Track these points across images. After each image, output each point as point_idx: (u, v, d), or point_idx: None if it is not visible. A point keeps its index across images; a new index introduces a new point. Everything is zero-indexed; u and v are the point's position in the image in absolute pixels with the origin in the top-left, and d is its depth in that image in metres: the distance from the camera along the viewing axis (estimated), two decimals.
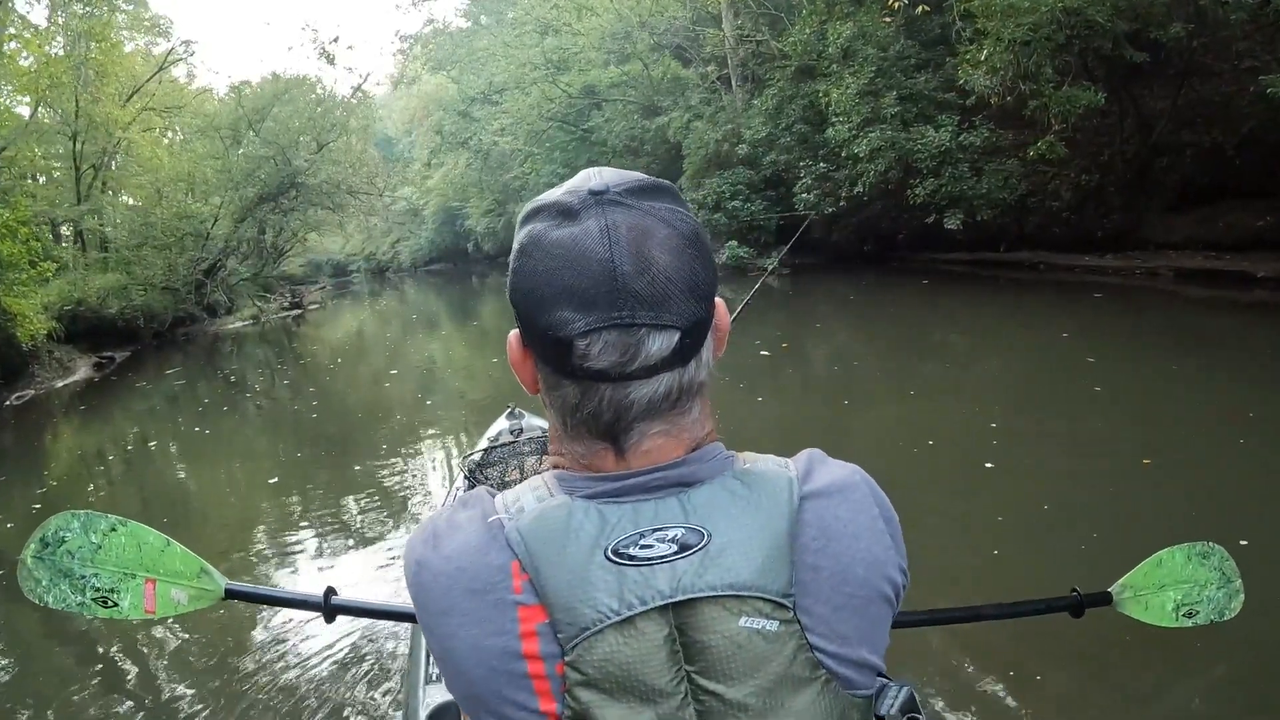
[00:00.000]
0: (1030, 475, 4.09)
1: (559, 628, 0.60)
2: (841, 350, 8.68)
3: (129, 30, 21.44)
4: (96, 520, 1.19)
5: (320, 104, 21.18)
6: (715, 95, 20.48)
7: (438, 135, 30.44)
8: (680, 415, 0.65)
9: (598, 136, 23.44)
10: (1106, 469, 4.00)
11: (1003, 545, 3.29)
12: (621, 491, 0.63)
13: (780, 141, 16.47)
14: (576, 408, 0.64)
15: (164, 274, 17.35)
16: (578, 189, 0.64)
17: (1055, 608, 1.35)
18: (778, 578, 0.61)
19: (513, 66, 24.05)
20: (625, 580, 0.60)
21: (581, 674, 0.59)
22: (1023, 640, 2.64)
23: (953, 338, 8.76)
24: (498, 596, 0.61)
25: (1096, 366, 6.11)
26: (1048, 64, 10.24)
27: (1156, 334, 7.67)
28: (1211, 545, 1.41)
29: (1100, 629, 2.30)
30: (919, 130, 13.12)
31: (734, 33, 19.18)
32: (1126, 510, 3.50)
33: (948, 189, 12.67)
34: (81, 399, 11.14)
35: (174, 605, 1.22)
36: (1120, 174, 12.22)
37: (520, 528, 0.62)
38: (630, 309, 0.59)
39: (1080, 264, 12.46)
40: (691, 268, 0.62)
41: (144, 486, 6.43)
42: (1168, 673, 2.52)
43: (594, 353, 0.60)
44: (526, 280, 0.63)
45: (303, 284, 32.62)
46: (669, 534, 0.61)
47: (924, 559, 3.14)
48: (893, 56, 14.00)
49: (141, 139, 19.85)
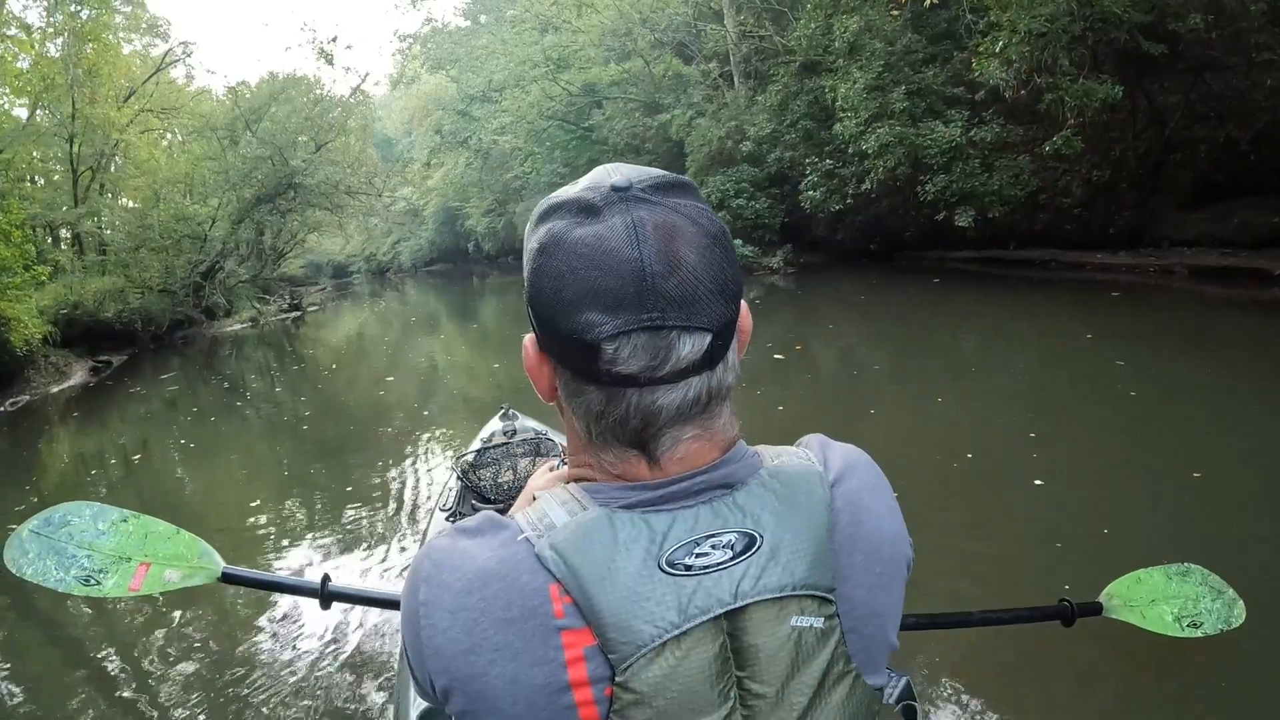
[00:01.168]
0: (1079, 491, 3.82)
1: (611, 648, 0.56)
2: (857, 353, 8.42)
3: (126, 31, 21.30)
4: (109, 512, 1.22)
5: (318, 103, 20.96)
6: (718, 93, 20.28)
7: (437, 135, 30.31)
8: (711, 419, 0.63)
9: (599, 135, 23.25)
10: (1157, 483, 3.76)
11: (1069, 578, 3.02)
12: (662, 500, 0.60)
13: (785, 138, 16.28)
14: (602, 414, 0.61)
15: (161, 276, 17.15)
16: (598, 185, 0.61)
17: (1047, 616, 1.38)
18: (825, 573, 0.61)
19: (512, 64, 23.86)
20: (684, 591, 0.57)
21: (634, 693, 0.56)
22: (1017, 647, 2.54)
23: (971, 339, 8.50)
24: (537, 623, 0.57)
25: (1127, 370, 5.87)
26: (1064, 56, 10.02)
27: (1182, 335, 7.42)
28: (1188, 566, 1.48)
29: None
30: (928, 126, 12.90)
31: (736, 29, 18.98)
32: (1194, 530, 3.27)
33: (959, 185, 12.45)
34: (77, 404, 10.94)
35: (163, 584, 1.22)
36: (1133, 170, 12.01)
37: (556, 545, 0.58)
38: (661, 310, 0.57)
39: (1092, 262, 12.26)
40: (720, 267, 0.60)
41: (139, 492, 6.25)
42: (1164, 679, 2.40)
43: (623, 356, 0.58)
44: (548, 281, 0.59)
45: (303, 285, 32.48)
46: (723, 539, 0.59)
47: (974, 596, 2.93)
48: (900, 51, 13.79)
49: (139, 141, 19.68)
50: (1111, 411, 4.96)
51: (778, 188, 17.37)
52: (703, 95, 20.26)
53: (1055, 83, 10.15)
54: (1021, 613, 1.44)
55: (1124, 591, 1.47)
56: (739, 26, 18.99)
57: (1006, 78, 10.18)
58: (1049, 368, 6.63)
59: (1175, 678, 2.29)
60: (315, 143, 20.46)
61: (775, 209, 17.15)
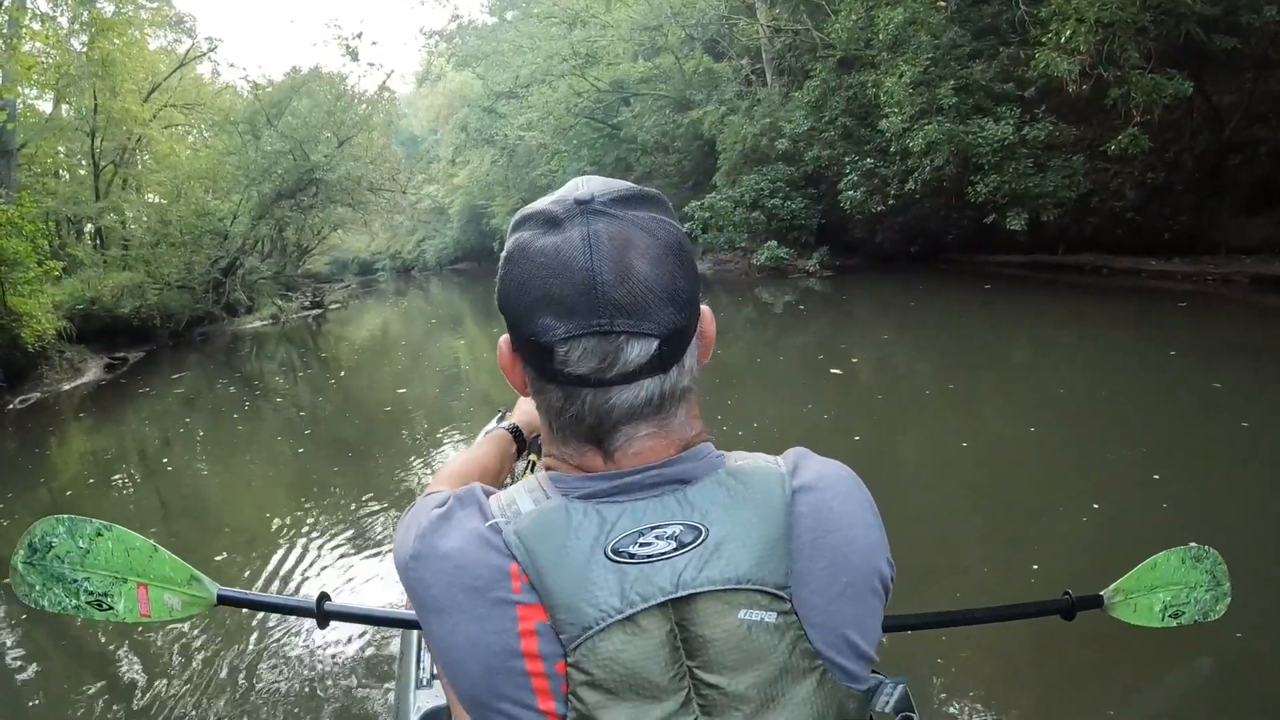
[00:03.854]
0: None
1: (561, 628, 0.60)
2: (920, 367, 7.64)
3: (152, 27, 21.10)
4: (82, 525, 1.20)
5: (340, 98, 20.60)
6: (750, 89, 19.66)
7: (462, 132, 30.04)
8: (667, 419, 0.66)
9: (627, 133, 22.77)
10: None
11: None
12: (617, 490, 0.64)
13: (823, 135, 15.62)
14: (561, 411, 0.66)
15: (181, 272, 16.86)
16: (564, 198, 0.65)
17: (1048, 611, 1.37)
18: (775, 570, 0.62)
19: (540, 59, 23.41)
20: (626, 578, 0.60)
21: (585, 674, 0.59)
22: (1019, 647, 2.56)
23: (1050, 356, 7.58)
24: (497, 595, 0.62)
25: (1225, 395, 5.20)
26: (1131, 48, 9.31)
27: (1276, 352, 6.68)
28: (1205, 549, 1.46)
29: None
30: (977, 123, 12.20)
31: (770, 23, 18.36)
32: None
33: (1011, 186, 11.73)
34: (88, 403, 10.60)
35: (168, 610, 1.22)
36: (1189, 172, 11.29)
37: (518, 530, 0.63)
38: (609, 317, 0.61)
39: (1146, 268, 11.60)
40: (672, 276, 0.63)
41: (142, 493, 6.02)
42: (1160, 674, 2.44)
43: (574, 359, 0.62)
44: (512, 286, 0.64)
45: (328, 282, 32.32)
46: (667, 531, 0.62)
47: None
48: (945, 45, 13.10)
49: (161, 136, 19.47)
50: (1222, 444, 4.29)
51: (814, 187, 16.74)
52: (735, 92, 19.64)
53: (1124, 76, 9.42)
54: (1024, 608, 1.44)
55: (1131, 583, 1.45)
56: (773, 21, 18.37)
57: (1071, 69, 9.46)
58: (1147, 391, 5.82)
59: (1174, 677, 2.32)
60: (337, 138, 20.10)
61: (811, 209, 16.52)
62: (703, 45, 21.48)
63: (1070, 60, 9.36)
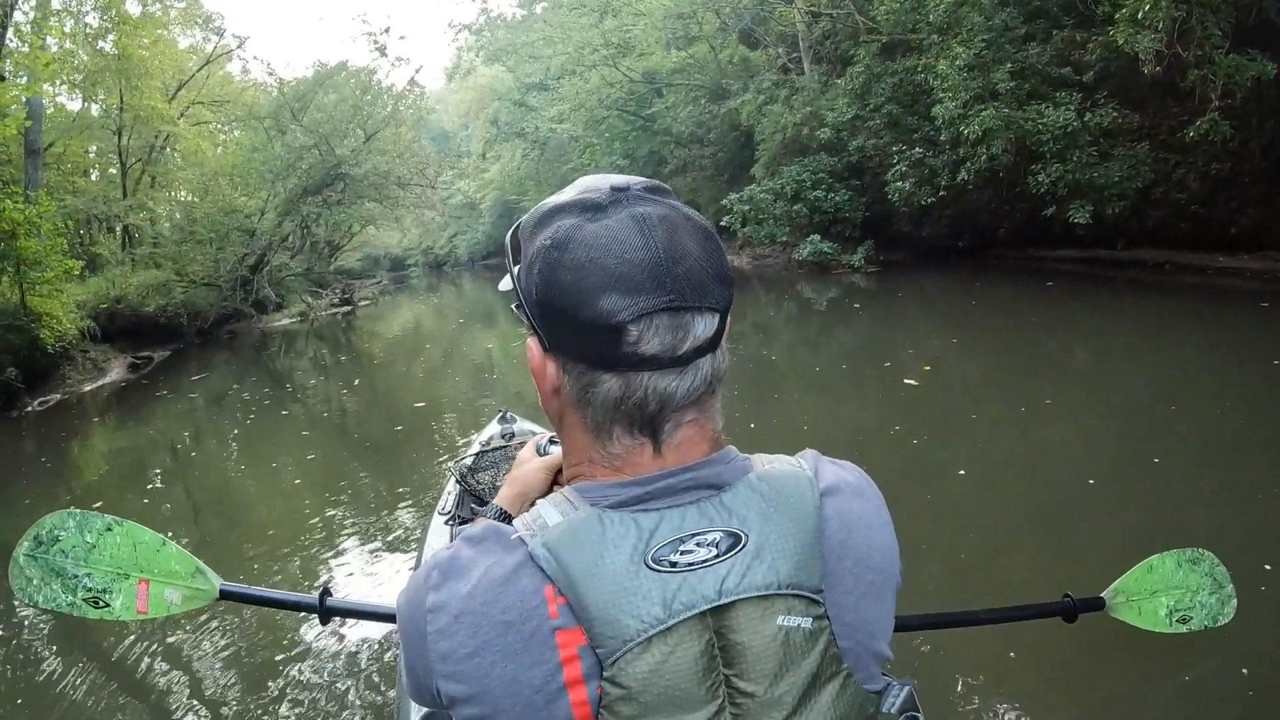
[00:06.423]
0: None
1: (599, 642, 0.57)
2: (1001, 377, 6.81)
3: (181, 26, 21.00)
4: (92, 520, 1.19)
5: (367, 92, 20.26)
6: (787, 78, 18.95)
7: (493, 125, 29.72)
8: (708, 404, 0.65)
9: (660, 124, 22.18)
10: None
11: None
12: (649, 496, 0.62)
13: (869, 124, 14.87)
14: (620, 401, 0.62)
15: (208, 270, 16.66)
16: (597, 187, 0.65)
17: (1049, 612, 1.38)
18: (812, 573, 0.61)
19: (571, 49, 22.92)
20: (669, 588, 0.59)
21: (622, 688, 0.57)
22: (1019, 648, 2.52)
23: (1149, 365, 6.68)
24: (534, 625, 0.58)
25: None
26: (1213, 25, 8.51)
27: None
28: (1201, 551, 1.45)
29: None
30: (1035, 109, 11.41)
31: (808, 8, 17.62)
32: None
33: (1074, 176, 10.94)
34: (109, 404, 10.35)
35: (167, 606, 1.21)
36: (1256, 162, 10.38)
37: (548, 543, 0.60)
38: (678, 292, 0.60)
39: (1213, 265, 10.75)
40: (716, 256, 0.64)
41: (155, 497, 5.84)
42: (1161, 675, 2.40)
43: (646, 337, 0.60)
44: (565, 273, 0.61)
45: (359, 278, 32.18)
46: (709, 538, 0.60)
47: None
48: (999, 26, 12.31)
49: (189, 134, 19.34)
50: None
51: (857, 179, 16.02)
52: (772, 81, 18.95)
53: (1206, 55, 8.61)
54: (1025, 610, 1.40)
55: (1130, 585, 1.40)
56: (811, 6, 17.63)
57: (1152, 45, 8.67)
58: (1234, 408, 5.01)
59: (1176, 679, 2.30)
60: (364, 131, 19.77)
61: (856, 201, 15.80)
62: (737, 35, 20.82)
63: (1151, 37, 8.56)
